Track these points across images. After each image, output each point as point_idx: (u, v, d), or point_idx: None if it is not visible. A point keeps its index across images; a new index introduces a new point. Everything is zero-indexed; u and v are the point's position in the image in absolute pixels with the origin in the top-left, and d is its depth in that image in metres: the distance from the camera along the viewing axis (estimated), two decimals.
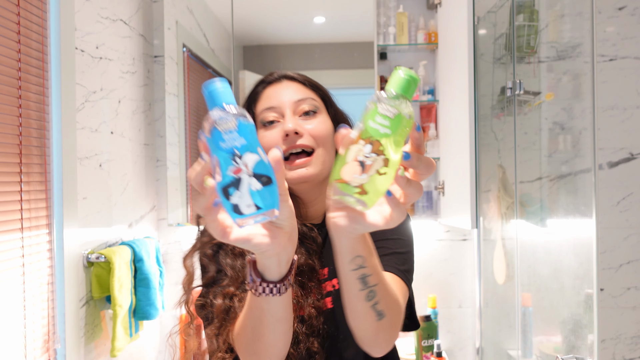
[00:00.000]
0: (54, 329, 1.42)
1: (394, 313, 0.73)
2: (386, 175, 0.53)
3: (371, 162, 0.53)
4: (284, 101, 0.90)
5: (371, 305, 0.69)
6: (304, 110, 0.90)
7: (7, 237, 1.24)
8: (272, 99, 0.91)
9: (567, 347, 1.58)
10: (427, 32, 2.11)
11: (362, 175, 0.53)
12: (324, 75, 2.10)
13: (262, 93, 0.94)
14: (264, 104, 0.92)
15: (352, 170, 0.53)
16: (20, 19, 1.30)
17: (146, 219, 2.07)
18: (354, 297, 0.69)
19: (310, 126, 0.90)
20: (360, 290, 0.68)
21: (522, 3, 1.73)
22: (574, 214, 1.56)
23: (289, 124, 0.87)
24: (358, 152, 0.53)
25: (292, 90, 0.92)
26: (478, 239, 2.11)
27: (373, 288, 0.68)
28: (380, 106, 0.53)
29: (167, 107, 2.10)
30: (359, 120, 0.55)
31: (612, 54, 2.09)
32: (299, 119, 0.90)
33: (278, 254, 0.62)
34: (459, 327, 2.17)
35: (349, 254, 0.65)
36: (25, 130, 1.32)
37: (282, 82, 0.94)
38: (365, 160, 0.53)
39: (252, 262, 0.66)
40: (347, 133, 0.56)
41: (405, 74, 0.53)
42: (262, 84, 0.95)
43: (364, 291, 0.68)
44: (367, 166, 0.53)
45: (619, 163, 2.11)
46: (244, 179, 0.53)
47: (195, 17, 2.14)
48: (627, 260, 2.11)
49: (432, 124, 2.13)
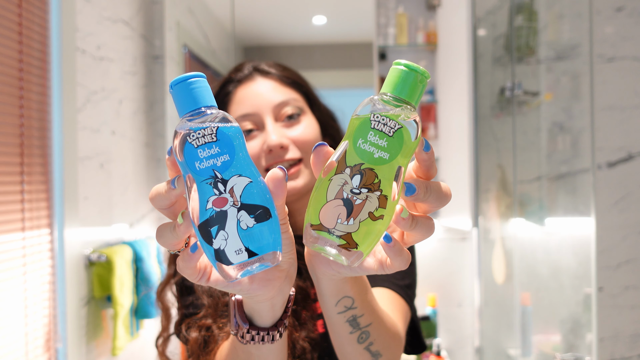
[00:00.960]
0: (55, 328, 1.43)
1: (392, 351, 0.62)
2: (382, 219, 0.38)
3: (361, 201, 0.37)
4: (262, 106, 0.75)
5: (364, 347, 0.58)
6: (287, 114, 0.76)
7: (8, 236, 1.25)
8: (247, 103, 0.75)
9: (566, 346, 1.58)
10: (427, 33, 2.12)
11: (349, 220, 0.37)
12: (324, 76, 2.11)
13: (234, 94, 0.77)
14: (238, 109, 0.76)
15: (334, 213, 0.38)
16: (21, 20, 1.30)
17: (147, 219, 2.08)
18: (343, 340, 0.57)
19: (295, 133, 0.75)
20: (350, 334, 0.56)
21: (521, 4, 1.73)
22: (572, 214, 1.57)
23: (272, 137, 0.73)
24: (343, 185, 0.37)
25: (269, 91, 0.76)
26: (477, 238, 2.12)
27: (366, 329, 0.57)
28: (373, 118, 0.37)
29: (168, 108, 2.11)
30: (345, 136, 0.39)
31: (611, 55, 2.10)
32: (281, 125, 0.75)
33: (272, 297, 0.49)
34: (459, 326, 2.18)
35: (333, 297, 0.53)
36: (27, 130, 1.32)
37: (256, 80, 0.77)
38: (352, 197, 0.37)
39: (238, 302, 0.52)
40: (328, 155, 0.40)
41: (408, 67, 0.37)
42: (231, 83, 0.78)
43: (355, 334, 0.56)
44: (356, 207, 0.37)
45: (617, 163, 2.11)
46: (230, 214, 0.38)
47: (196, 18, 2.15)
48: (626, 260, 2.12)
49: (431, 124, 2.14)
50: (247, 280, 0.45)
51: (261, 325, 0.52)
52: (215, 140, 0.37)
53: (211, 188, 0.37)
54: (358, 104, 0.40)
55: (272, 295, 0.48)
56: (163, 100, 2.15)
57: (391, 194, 0.37)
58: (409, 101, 0.37)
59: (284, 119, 0.76)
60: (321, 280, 0.52)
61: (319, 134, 0.80)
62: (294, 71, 0.82)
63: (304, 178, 0.76)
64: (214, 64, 2.17)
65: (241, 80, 0.78)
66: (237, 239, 0.37)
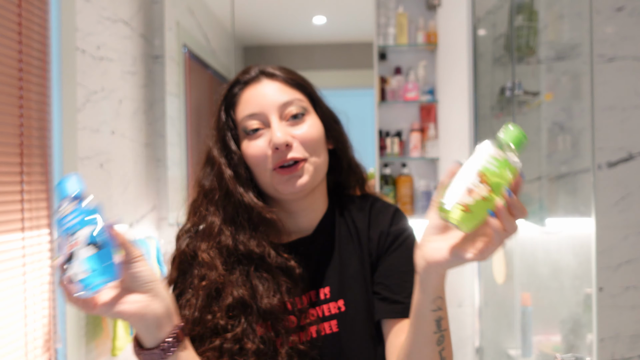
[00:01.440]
0: (55, 329, 1.42)
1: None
2: (489, 201, 0.56)
3: (477, 190, 0.56)
4: (268, 105, 0.78)
5: (439, 351, 0.66)
6: (292, 113, 0.79)
7: (8, 236, 1.25)
8: (254, 103, 0.79)
9: (567, 346, 1.58)
10: (427, 33, 2.12)
11: (468, 197, 0.56)
12: (324, 76, 2.10)
13: (241, 95, 0.81)
14: (245, 109, 0.80)
15: (460, 191, 0.57)
16: (21, 20, 1.30)
17: (147, 219, 2.08)
18: (426, 339, 0.65)
19: (299, 132, 0.78)
20: (434, 333, 0.64)
21: (521, 4, 1.73)
22: (573, 214, 1.56)
23: (277, 134, 0.76)
24: (466, 180, 0.57)
25: (275, 92, 0.80)
26: None
27: (444, 333, 0.65)
28: (493, 150, 0.59)
29: (168, 107, 2.11)
30: (471, 159, 0.60)
31: (611, 54, 2.09)
32: (286, 124, 0.78)
33: (141, 319, 0.61)
34: (459, 327, 2.18)
35: (433, 293, 0.62)
36: (27, 130, 1.32)
37: (262, 82, 0.81)
38: (472, 187, 0.57)
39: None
40: (459, 167, 0.59)
41: (519, 132, 0.62)
42: (238, 85, 0.82)
43: (437, 335, 0.65)
44: (473, 191, 0.57)
45: (618, 163, 2.11)
46: (77, 251, 0.56)
47: (196, 18, 2.15)
48: (626, 260, 2.11)
49: (431, 124, 2.14)
50: (104, 304, 0.60)
51: (147, 346, 0.63)
52: (72, 210, 0.59)
53: (66, 240, 0.58)
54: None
55: (138, 316, 0.61)
56: (163, 100, 2.15)
57: (496, 189, 0.56)
58: (516, 150, 0.61)
59: (289, 118, 0.79)
60: (429, 276, 0.61)
61: (322, 133, 0.82)
62: (299, 74, 0.85)
63: (307, 176, 0.78)
64: (214, 64, 2.17)
65: (248, 82, 0.82)
66: (84, 264, 0.56)
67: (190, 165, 2.13)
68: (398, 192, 2.14)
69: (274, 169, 0.77)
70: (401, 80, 2.13)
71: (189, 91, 2.14)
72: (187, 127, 2.13)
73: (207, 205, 0.81)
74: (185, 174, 2.13)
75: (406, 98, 2.11)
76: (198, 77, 2.17)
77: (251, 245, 0.77)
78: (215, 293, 0.76)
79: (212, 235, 0.79)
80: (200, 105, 2.16)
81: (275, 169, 0.77)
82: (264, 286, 0.76)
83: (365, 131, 2.07)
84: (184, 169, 2.12)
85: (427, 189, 2.16)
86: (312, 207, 0.84)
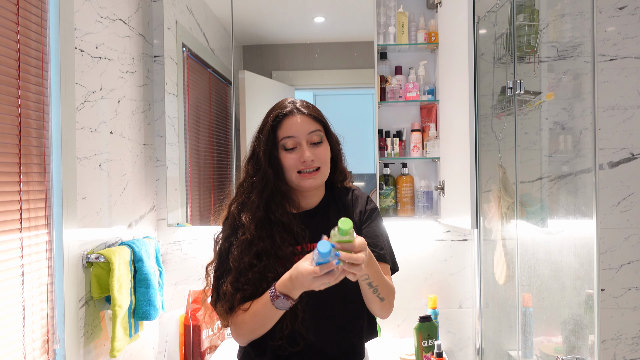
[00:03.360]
0: (53, 330, 1.42)
1: (389, 295, 1.24)
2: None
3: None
4: (300, 132, 1.25)
5: (376, 295, 1.20)
6: (314, 140, 1.26)
7: (6, 237, 1.24)
8: (291, 129, 1.25)
9: (568, 348, 1.58)
10: (427, 32, 2.11)
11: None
12: (323, 75, 2.10)
13: (283, 122, 1.26)
14: (285, 132, 1.26)
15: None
16: (19, 19, 1.29)
17: (146, 219, 2.07)
18: (365, 290, 1.21)
19: (318, 152, 1.27)
20: (369, 289, 1.20)
21: (522, 3, 1.72)
22: (574, 214, 1.56)
23: (306, 154, 1.24)
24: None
25: (305, 123, 1.26)
26: (478, 239, 2.11)
27: (376, 287, 1.19)
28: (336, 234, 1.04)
29: (167, 107, 2.10)
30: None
31: (613, 54, 2.09)
32: (310, 146, 1.26)
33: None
34: (460, 328, 2.17)
35: (360, 278, 1.17)
36: (25, 130, 1.31)
37: (296, 115, 1.26)
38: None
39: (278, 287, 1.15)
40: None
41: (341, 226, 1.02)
42: (281, 115, 1.27)
43: (371, 289, 1.20)
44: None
45: (619, 163, 2.10)
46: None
47: (195, 17, 2.14)
48: (628, 261, 2.11)
49: (432, 124, 2.13)
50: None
51: (293, 298, 1.13)
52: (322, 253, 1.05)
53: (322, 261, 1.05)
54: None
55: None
56: (162, 100, 2.14)
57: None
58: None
59: (311, 144, 1.27)
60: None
61: (329, 152, 1.30)
62: (318, 110, 1.32)
63: (320, 179, 1.28)
64: (213, 63, 2.16)
65: (286, 114, 1.27)
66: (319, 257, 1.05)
67: (189, 165, 2.12)
68: (398, 192, 2.13)
69: (299, 172, 1.26)
70: (401, 79, 2.12)
71: (188, 91, 2.13)
72: (186, 127, 2.12)
73: (251, 187, 1.27)
74: (184, 174, 2.12)
75: (406, 98, 2.10)
76: (197, 77, 2.16)
77: (277, 214, 1.24)
78: (249, 244, 1.21)
79: (251, 208, 1.25)
80: (199, 104, 2.15)
81: (300, 172, 1.26)
82: (281, 239, 1.22)
83: (365, 131, 2.06)
84: (183, 169, 2.11)
85: (428, 189, 2.15)
86: (316, 193, 1.33)
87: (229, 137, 2.13)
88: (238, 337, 1.24)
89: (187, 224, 2.12)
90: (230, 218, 1.28)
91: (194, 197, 2.14)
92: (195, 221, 2.14)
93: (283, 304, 1.13)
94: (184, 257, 2.18)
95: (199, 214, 2.16)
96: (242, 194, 1.29)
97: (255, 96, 2.10)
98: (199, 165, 2.14)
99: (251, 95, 2.10)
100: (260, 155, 1.26)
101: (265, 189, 1.25)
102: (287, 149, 1.25)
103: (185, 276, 2.17)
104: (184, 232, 2.18)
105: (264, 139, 1.26)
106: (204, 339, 2.00)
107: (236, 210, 1.28)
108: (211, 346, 2.03)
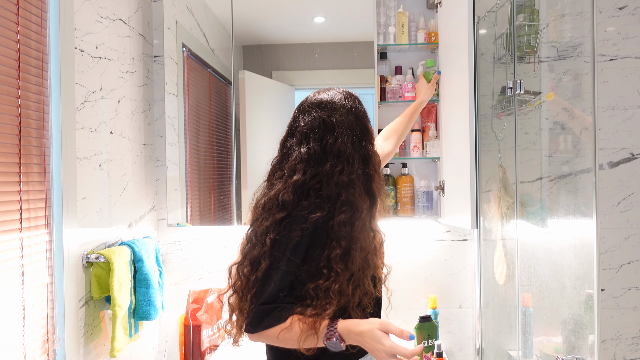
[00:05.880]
0: (54, 329, 1.42)
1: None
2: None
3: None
4: None
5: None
6: None
7: (6, 237, 1.24)
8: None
9: (568, 348, 1.57)
10: (427, 32, 2.11)
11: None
12: (323, 75, 2.10)
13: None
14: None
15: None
16: (19, 19, 1.29)
17: (146, 219, 2.07)
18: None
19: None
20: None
21: (522, 3, 1.72)
22: (574, 214, 1.56)
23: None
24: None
25: None
26: (478, 239, 2.11)
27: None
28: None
29: (167, 107, 2.10)
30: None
31: (613, 54, 2.09)
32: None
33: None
34: (460, 328, 2.17)
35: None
36: (25, 130, 1.31)
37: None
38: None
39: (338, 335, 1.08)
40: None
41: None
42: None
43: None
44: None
45: (619, 163, 2.10)
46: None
47: (195, 17, 2.14)
48: (628, 261, 2.11)
49: (432, 124, 2.13)
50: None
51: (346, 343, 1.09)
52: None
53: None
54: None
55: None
56: (162, 100, 2.14)
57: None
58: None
59: None
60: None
61: None
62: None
63: None
64: (213, 63, 2.16)
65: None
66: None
67: (189, 165, 2.12)
68: (398, 192, 2.13)
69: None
70: (401, 79, 2.12)
71: (188, 91, 2.13)
72: (186, 127, 2.12)
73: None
74: (184, 174, 2.12)
75: (406, 97, 2.10)
76: (197, 77, 2.16)
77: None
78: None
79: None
80: (199, 104, 2.15)
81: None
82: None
83: None
84: (183, 169, 2.11)
85: (428, 189, 2.15)
86: None
87: (229, 137, 2.13)
88: (257, 341, 1.15)
89: (187, 224, 2.12)
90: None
91: (194, 197, 2.14)
92: (195, 221, 2.14)
93: (335, 346, 1.06)
94: (184, 257, 2.18)
95: (199, 214, 2.16)
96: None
97: (255, 96, 2.10)
98: (199, 165, 2.14)
99: (251, 95, 2.10)
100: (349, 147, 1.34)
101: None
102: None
103: (185, 276, 2.17)
104: (184, 232, 2.18)
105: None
106: (204, 339, 2.00)
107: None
108: (211, 346, 2.03)
